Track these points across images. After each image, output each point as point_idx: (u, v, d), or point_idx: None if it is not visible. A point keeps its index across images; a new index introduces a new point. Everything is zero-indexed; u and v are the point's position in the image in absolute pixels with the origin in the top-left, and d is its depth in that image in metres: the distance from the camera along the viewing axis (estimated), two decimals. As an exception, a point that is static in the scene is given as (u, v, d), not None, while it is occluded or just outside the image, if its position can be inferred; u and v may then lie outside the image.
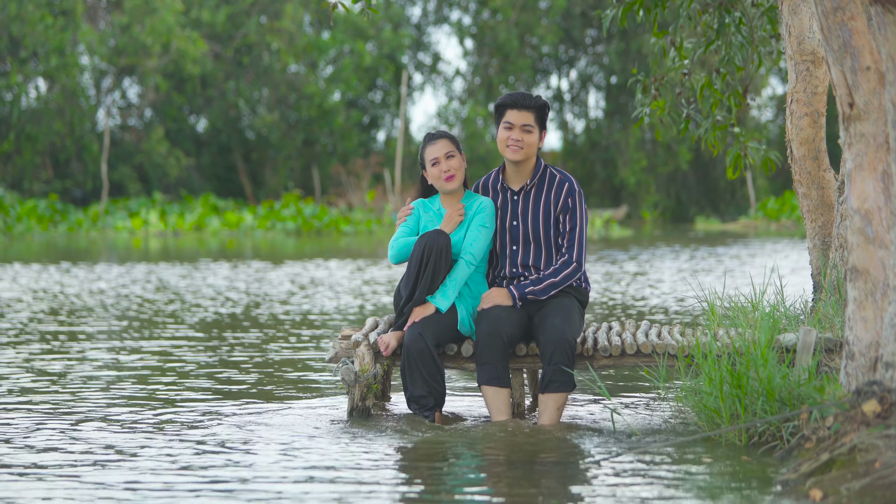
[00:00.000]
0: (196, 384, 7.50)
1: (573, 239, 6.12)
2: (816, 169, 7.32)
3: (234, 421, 6.17)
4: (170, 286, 15.07)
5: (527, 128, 6.10)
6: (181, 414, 6.39)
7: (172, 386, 7.43)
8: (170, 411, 6.48)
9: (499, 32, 41.86)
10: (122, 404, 6.72)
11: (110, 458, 5.25)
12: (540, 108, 6.12)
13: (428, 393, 5.94)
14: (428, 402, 5.95)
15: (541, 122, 6.15)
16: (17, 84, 37.98)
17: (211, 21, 41.31)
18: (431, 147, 6.14)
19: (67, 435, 5.80)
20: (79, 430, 5.94)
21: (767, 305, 6.46)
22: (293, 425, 6.01)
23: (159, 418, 6.26)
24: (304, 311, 12.19)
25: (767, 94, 42.28)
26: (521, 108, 6.10)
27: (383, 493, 4.65)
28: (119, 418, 6.27)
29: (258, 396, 7.00)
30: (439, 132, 6.18)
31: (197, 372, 8.03)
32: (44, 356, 8.78)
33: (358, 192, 37.88)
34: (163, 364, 8.42)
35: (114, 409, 6.58)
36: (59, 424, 6.08)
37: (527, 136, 6.11)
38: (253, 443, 5.58)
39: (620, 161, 41.64)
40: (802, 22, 7.28)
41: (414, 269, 6.01)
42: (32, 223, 32.42)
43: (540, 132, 6.15)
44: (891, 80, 4.64)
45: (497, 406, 5.94)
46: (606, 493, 4.59)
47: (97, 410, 6.51)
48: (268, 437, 5.70)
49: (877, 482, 4.23)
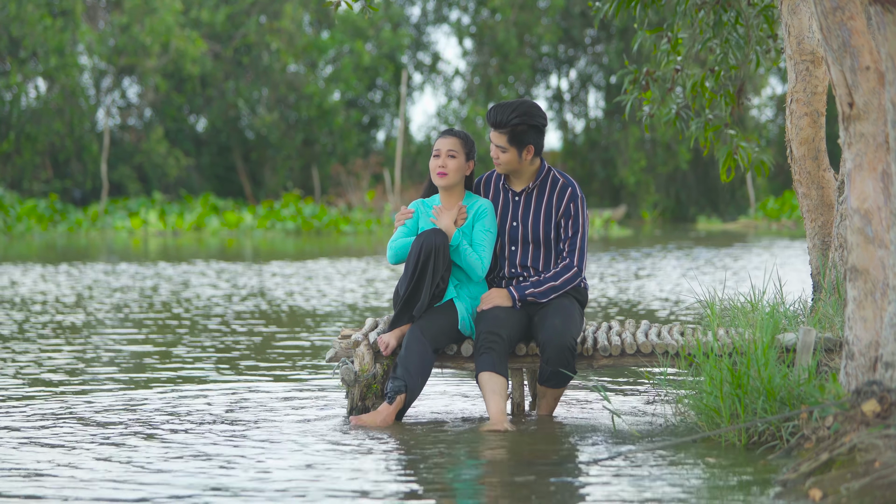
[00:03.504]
0: (193, 384, 7.49)
1: (574, 244, 6.11)
2: (816, 169, 7.32)
3: (233, 421, 6.16)
4: (169, 286, 15.07)
5: (500, 148, 6.10)
6: (178, 414, 6.39)
7: (167, 385, 7.43)
8: (166, 411, 6.47)
9: (498, 32, 41.87)
10: (114, 403, 6.72)
11: (101, 458, 5.25)
12: (513, 128, 6.03)
13: (402, 378, 5.88)
14: (397, 383, 5.90)
15: (517, 142, 6.06)
16: (16, 84, 37.98)
17: (210, 21, 41.31)
18: (441, 140, 6.16)
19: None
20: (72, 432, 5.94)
21: (767, 305, 6.46)
22: (292, 425, 6.01)
23: (153, 417, 6.26)
24: (304, 310, 12.19)
25: (767, 93, 42.30)
26: (494, 126, 6.11)
27: (383, 493, 4.65)
28: (111, 419, 6.27)
29: (257, 396, 6.99)
30: (460, 131, 6.18)
31: (192, 371, 8.03)
32: (47, 352, 8.79)
33: (357, 191, 37.88)
34: (157, 363, 8.42)
35: (109, 408, 6.58)
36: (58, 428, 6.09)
37: (501, 154, 6.11)
38: (252, 443, 5.58)
39: (620, 161, 41.64)
40: (802, 22, 7.28)
41: (411, 268, 6.01)
42: (32, 223, 32.42)
43: (519, 150, 6.08)
44: (890, 80, 4.64)
45: (491, 388, 5.83)
46: (606, 493, 4.59)
47: (93, 409, 6.52)
48: (266, 438, 5.70)
49: (876, 482, 4.23)
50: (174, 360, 8.66)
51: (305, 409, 6.50)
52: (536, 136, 6.10)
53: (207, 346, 9.46)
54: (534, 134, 6.09)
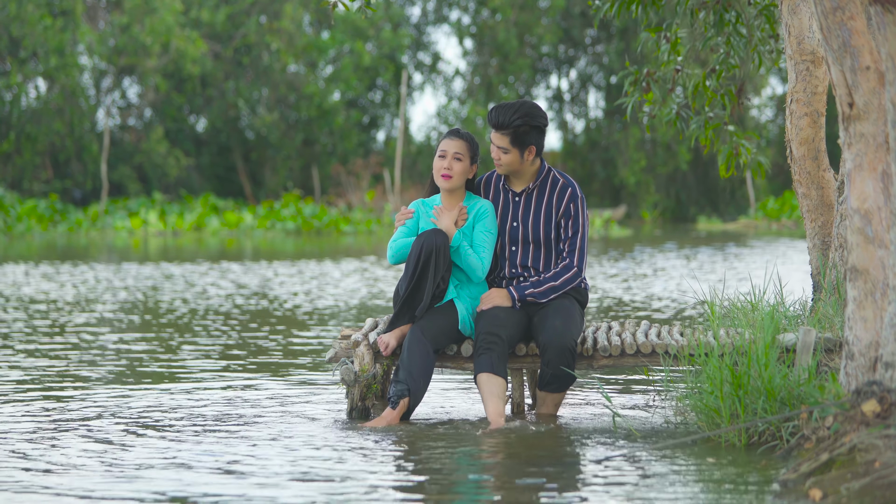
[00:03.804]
0: (192, 384, 7.49)
1: (574, 244, 6.11)
2: (816, 169, 7.32)
3: (233, 421, 6.16)
4: (169, 285, 15.08)
5: (501, 149, 6.10)
6: (177, 414, 6.39)
7: (166, 384, 7.43)
8: (165, 411, 6.47)
9: (498, 32, 41.87)
10: (115, 403, 6.72)
11: (97, 459, 5.25)
12: (515, 129, 6.04)
13: (405, 382, 5.88)
14: (400, 387, 5.90)
15: (519, 143, 6.07)
16: (16, 84, 37.99)
17: (210, 21, 41.32)
18: (448, 141, 6.15)
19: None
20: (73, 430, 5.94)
21: (767, 305, 6.46)
22: (292, 426, 6.01)
23: (152, 417, 6.26)
24: (304, 310, 12.19)
25: (767, 93, 42.30)
26: (496, 128, 6.10)
27: (383, 493, 4.65)
28: (109, 418, 6.27)
29: (257, 396, 6.99)
30: (467, 133, 6.17)
31: (192, 372, 8.03)
32: (54, 351, 8.80)
33: (357, 191, 37.89)
34: (156, 362, 8.42)
35: (104, 409, 6.58)
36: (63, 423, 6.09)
37: (503, 155, 6.11)
38: (252, 443, 5.58)
39: (620, 161, 41.64)
40: (802, 22, 7.28)
41: (411, 268, 6.01)
42: (32, 223, 32.42)
43: (521, 151, 6.09)
44: (891, 80, 4.64)
45: (490, 389, 5.83)
46: (606, 493, 4.59)
47: (91, 411, 6.52)
48: (266, 438, 5.70)
49: (876, 482, 4.23)
50: (174, 360, 8.66)
51: (305, 410, 6.50)
52: (538, 136, 6.10)
53: (207, 345, 9.46)
54: (535, 134, 6.09)
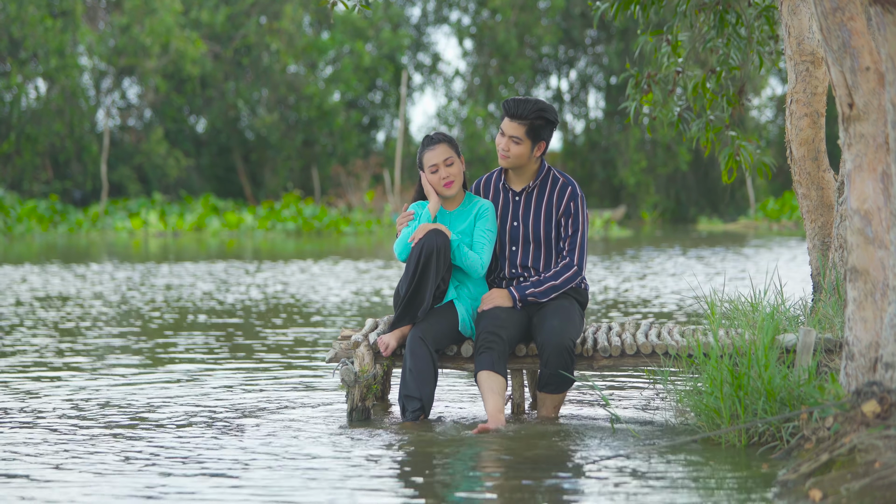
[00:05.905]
0: (191, 384, 7.49)
1: (574, 243, 6.12)
2: (816, 169, 7.32)
3: (233, 422, 6.17)
4: (168, 286, 15.08)
5: (514, 139, 6.09)
6: (176, 414, 6.39)
7: (167, 385, 7.43)
8: (164, 412, 6.48)
9: (498, 33, 41.86)
10: (111, 401, 6.72)
11: (97, 459, 5.25)
12: (532, 120, 6.06)
13: (418, 396, 5.91)
14: (415, 404, 5.93)
15: (533, 135, 6.09)
16: (17, 85, 37.99)
17: (210, 21, 41.31)
18: (430, 153, 6.12)
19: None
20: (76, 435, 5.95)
21: (767, 306, 6.46)
22: (292, 426, 6.01)
23: (153, 418, 6.26)
24: (304, 311, 12.19)
25: (767, 94, 42.30)
26: (513, 117, 6.09)
27: (383, 494, 4.65)
28: (105, 417, 6.27)
29: (257, 397, 7.00)
30: (438, 135, 6.14)
31: (192, 372, 8.03)
32: (61, 354, 8.80)
33: (357, 192, 37.88)
34: (155, 363, 8.42)
35: (103, 410, 6.58)
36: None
37: (514, 146, 6.10)
38: (252, 443, 5.58)
39: (620, 161, 41.63)
40: (802, 22, 7.28)
41: (412, 269, 6.01)
42: (32, 224, 32.42)
43: (533, 144, 6.09)
44: (890, 81, 4.64)
45: (489, 386, 5.84)
46: (606, 493, 4.59)
47: (93, 412, 6.52)
48: (267, 438, 5.70)
49: (876, 482, 4.23)
50: (173, 359, 8.66)
51: (305, 410, 6.50)
52: (549, 133, 6.14)
53: (206, 345, 9.46)
54: (548, 130, 6.12)
